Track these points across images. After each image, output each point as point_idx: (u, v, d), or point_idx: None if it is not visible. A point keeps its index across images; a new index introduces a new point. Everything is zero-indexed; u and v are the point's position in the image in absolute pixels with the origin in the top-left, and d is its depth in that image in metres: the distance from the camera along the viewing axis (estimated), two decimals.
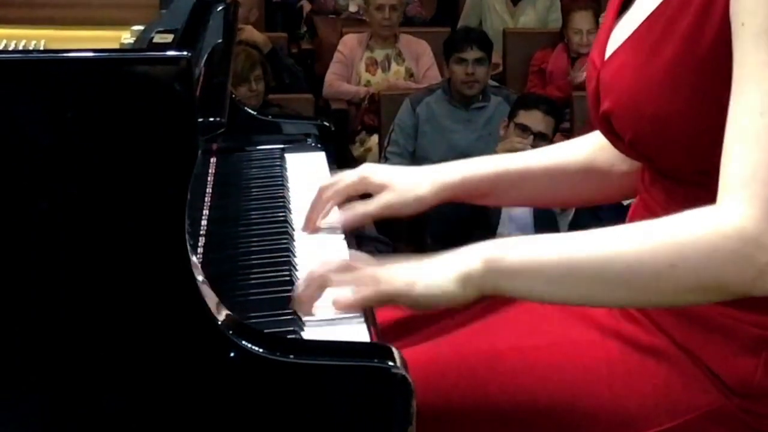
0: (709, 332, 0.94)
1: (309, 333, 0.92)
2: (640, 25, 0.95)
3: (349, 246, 1.11)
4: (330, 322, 0.93)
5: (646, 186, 0.99)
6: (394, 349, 0.85)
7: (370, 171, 1.12)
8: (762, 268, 0.84)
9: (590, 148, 1.11)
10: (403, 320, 1.05)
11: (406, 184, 1.10)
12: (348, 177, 1.13)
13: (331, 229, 1.13)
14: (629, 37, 0.96)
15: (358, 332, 0.92)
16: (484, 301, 1.05)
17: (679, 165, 0.89)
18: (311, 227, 1.14)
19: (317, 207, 1.14)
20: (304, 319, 0.94)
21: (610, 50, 0.98)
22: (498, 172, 1.11)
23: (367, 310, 0.95)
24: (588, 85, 1.01)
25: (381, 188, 1.10)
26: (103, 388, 0.86)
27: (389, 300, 0.92)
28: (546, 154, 1.13)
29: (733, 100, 0.85)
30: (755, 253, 0.84)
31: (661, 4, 0.93)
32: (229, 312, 0.87)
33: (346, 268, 0.94)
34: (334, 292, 0.94)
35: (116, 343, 0.85)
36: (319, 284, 0.94)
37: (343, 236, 1.14)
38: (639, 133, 0.93)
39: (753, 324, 0.92)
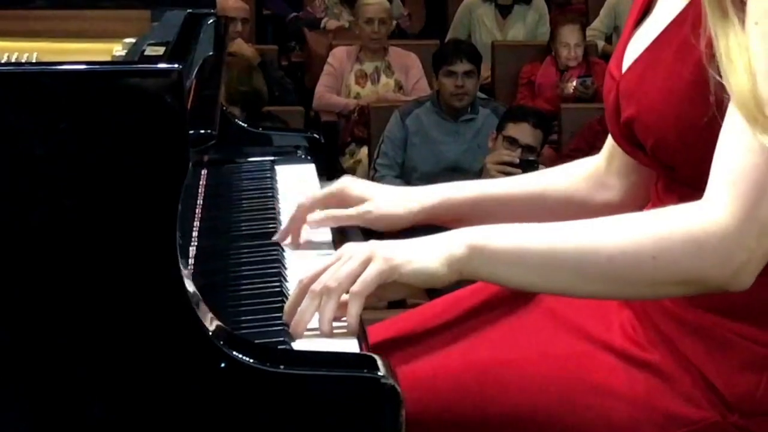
0: (714, 346, 0.94)
1: (299, 344, 0.93)
2: (662, 32, 0.95)
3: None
4: (320, 333, 0.94)
5: (660, 195, 0.99)
6: (383, 360, 0.86)
7: (350, 183, 1.13)
8: (740, 266, 0.86)
9: (571, 178, 1.12)
10: (394, 332, 1.06)
11: (385, 200, 1.10)
12: (327, 188, 1.14)
13: (320, 243, 1.14)
14: (650, 45, 0.97)
15: (347, 342, 0.93)
16: (472, 304, 1.06)
17: (700, 172, 0.90)
18: (289, 239, 1.14)
19: (297, 219, 1.14)
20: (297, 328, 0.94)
21: (628, 61, 0.99)
22: (476, 198, 1.11)
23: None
24: (606, 98, 1.02)
25: (359, 201, 1.11)
26: (93, 397, 0.86)
27: (383, 281, 0.91)
28: (526, 181, 1.14)
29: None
30: (736, 250, 0.85)
31: (683, 10, 0.94)
32: (219, 323, 0.87)
33: (337, 260, 0.93)
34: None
35: (107, 354, 0.85)
36: (312, 291, 0.93)
37: (333, 248, 1.15)
38: (662, 139, 0.94)
39: (758, 342, 0.93)
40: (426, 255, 0.91)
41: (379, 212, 1.10)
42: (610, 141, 1.10)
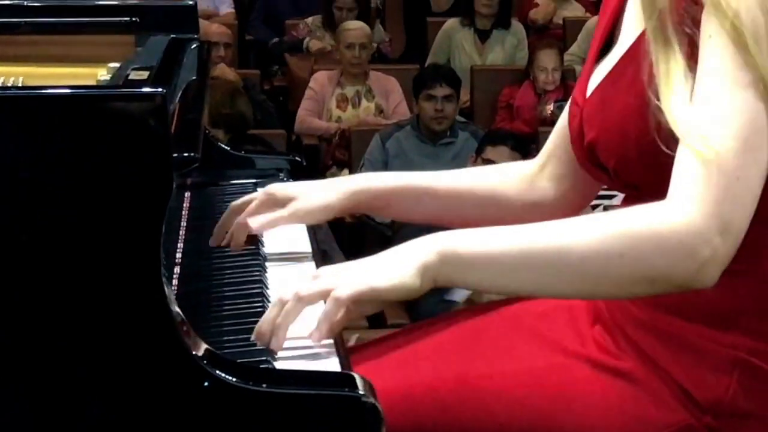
0: (683, 351, 0.96)
1: (281, 363, 0.94)
2: (619, 61, 0.99)
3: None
4: (302, 353, 0.95)
5: None
6: (364, 378, 0.87)
7: (275, 188, 1.17)
8: (704, 262, 0.88)
9: (503, 177, 1.15)
10: (374, 349, 1.08)
11: (312, 193, 1.14)
12: (256, 196, 1.17)
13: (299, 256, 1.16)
14: (610, 72, 1.01)
15: (328, 362, 0.94)
16: (451, 325, 1.08)
17: (662, 190, 0.92)
18: (218, 242, 1.17)
19: (226, 224, 1.17)
20: (277, 347, 0.95)
21: (591, 89, 1.03)
22: (404, 186, 1.14)
23: (338, 339, 0.97)
24: (571, 123, 1.05)
25: (288, 200, 1.14)
26: (77, 417, 0.86)
27: (360, 298, 0.93)
28: (455, 175, 1.17)
29: (696, 99, 0.89)
30: (701, 247, 0.87)
31: (636, 40, 0.97)
32: (203, 342, 0.89)
33: (307, 284, 0.95)
34: (302, 324, 0.96)
35: (91, 373, 0.86)
36: (283, 306, 0.94)
37: (312, 259, 1.17)
38: (622, 161, 0.97)
39: (726, 344, 0.95)
40: (400, 269, 0.93)
41: (308, 207, 1.13)
42: (546, 147, 1.15)
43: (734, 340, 0.95)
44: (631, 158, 0.96)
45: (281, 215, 1.13)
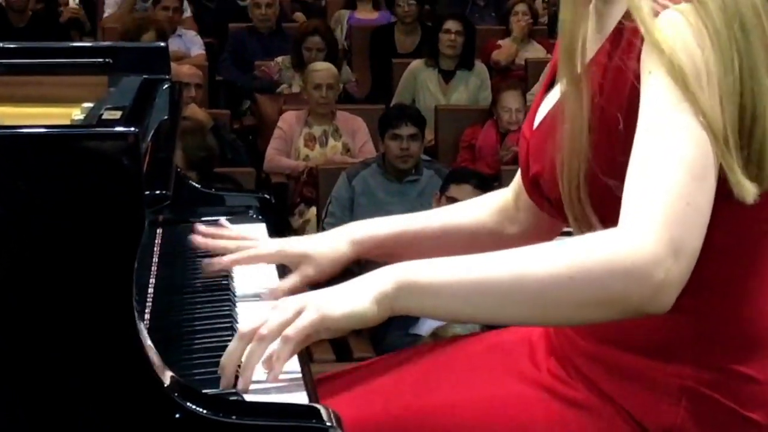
0: (630, 381, 0.99)
1: (250, 395, 0.95)
2: (561, 95, 1.03)
3: None
4: (270, 385, 0.97)
5: None
6: (331, 410, 0.89)
7: (286, 244, 1.20)
8: (659, 284, 0.88)
9: (483, 211, 1.19)
10: (340, 381, 1.10)
11: (320, 249, 1.17)
12: (266, 247, 1.21)
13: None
14: (552, 108, 1.05)
15: (297, 394, 0.96)
16: (416, 357, 1.11)
17: (602, 222, 0.95)
18: (202, 244, 1.21)
19: (221, 245, 1.21)
20: (244, 387, 0.96)
21: (537, 122, 1.07)
22: (398, 232, 1.18)
23: (305, 372, 1.00)
24: (519, 155, 1.10)
25: (297, 258, 1.18)
26: None
27: (314, 330, 0.95)
28: (442, 214, 1.22)
29: (640, 131, 0.92)
30: (653, 269, 0.88)
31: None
32: (174, 375, 0.90)
33: (271, 313, 0.97)
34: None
35: (63, 405, 0.88)
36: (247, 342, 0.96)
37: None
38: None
39: (671, 374, 0.98)
40: (356, 298, 0.95)
41: (318, 268, 1.16)
42: (517, 178, 1.18)
43: (680, 369, 0.98)
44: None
45: (293, 283, 1.16)
